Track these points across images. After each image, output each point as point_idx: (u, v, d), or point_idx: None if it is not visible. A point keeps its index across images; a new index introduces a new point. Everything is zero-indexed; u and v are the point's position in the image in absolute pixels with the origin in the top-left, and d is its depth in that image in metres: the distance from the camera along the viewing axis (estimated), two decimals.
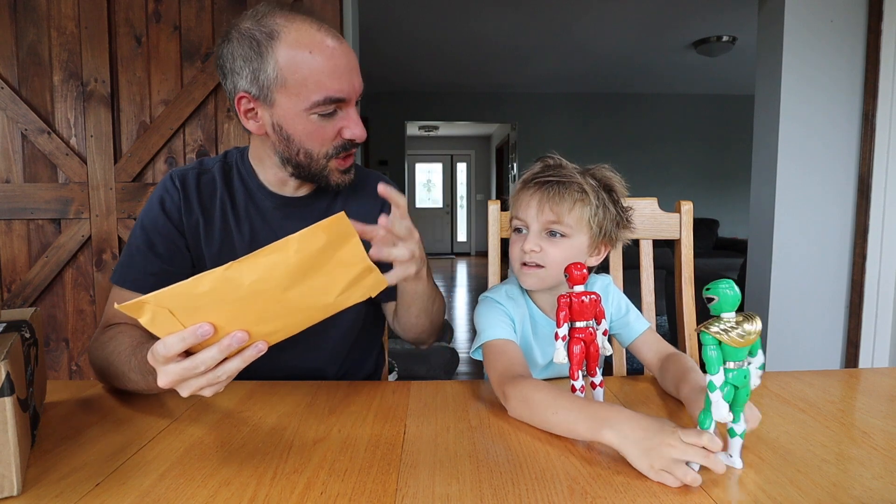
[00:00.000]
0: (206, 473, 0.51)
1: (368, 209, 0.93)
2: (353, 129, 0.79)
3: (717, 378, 0.50)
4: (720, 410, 0.50)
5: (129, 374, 0.67)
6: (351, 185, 0.95)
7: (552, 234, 0.75)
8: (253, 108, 0.78)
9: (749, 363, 0.52)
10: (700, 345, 0.51)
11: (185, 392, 0.52)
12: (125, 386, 0.70)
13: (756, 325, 0.50)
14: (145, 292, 0.79)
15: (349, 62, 0.77)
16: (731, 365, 0.50)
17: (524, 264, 0.77)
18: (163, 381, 0.51)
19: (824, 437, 0.60)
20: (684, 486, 0.48)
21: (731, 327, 0.49)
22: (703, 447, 0.48)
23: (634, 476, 0.51)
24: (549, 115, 5.75)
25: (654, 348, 0.82)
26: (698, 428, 0.50)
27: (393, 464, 0.53)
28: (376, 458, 0.54)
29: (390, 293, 0.95)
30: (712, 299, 0.50)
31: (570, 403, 0.59)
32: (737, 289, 0.50)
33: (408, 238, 0.66)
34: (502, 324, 0.76)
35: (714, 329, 0.49)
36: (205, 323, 0.49)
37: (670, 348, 0.81)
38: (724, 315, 0.50)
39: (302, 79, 0.74)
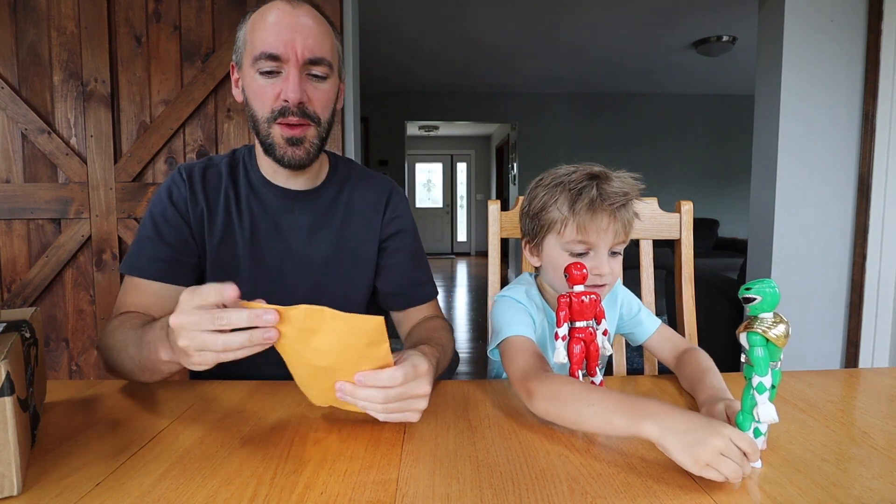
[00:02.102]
0: (206, 473, 0.51)
1: (372, 202, 0.94)
2: (287, 91, 0.78)
3: (767, 379, 0.50)
4: (770, 413, 0.50)
5: (129, 349, 0.69)
6: (357, 178, 0.95)
7: (613, 253, 0.76)
8: (238, 77, 0.85)
9: (780, 364, 0.52)
10: (746, 346, 0.50)
11: (183, 341, 0.53)
12: (124, 365, 0.71)
13: (788, 325, 0.50)
14: (155, 279, 0.82)
15: (295, 24, 0.77)
16: (774, 365, 0.50)
17: (591, 284, 0.74)
18: (174, 320, 0.53)
19: (824, 436, 0.60)
20: (684, 487, 0.48)
21: (773, 325, 0.49)
22: (745, 452, 0.48)
23: (634, 476, 0.51)
24: (549, 115, 5.74)
25: (669, 345, 0.83)
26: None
27: (393, 464, 0.53)
28: (376, 459, 0.54)
29: (400, 302, 0.95)
30: (753, 299, 0.48)
31: (606, 396, 0.57)
32: (778, 287, 0.48)
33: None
34: (523, 322, 0.74)
35: (761, 328, 0.48)
36: (235, 287, 0.52)
37: (685, 343, 0.82)
38: (762, 315, 0.49)
39: (251, 37, 0.79)
